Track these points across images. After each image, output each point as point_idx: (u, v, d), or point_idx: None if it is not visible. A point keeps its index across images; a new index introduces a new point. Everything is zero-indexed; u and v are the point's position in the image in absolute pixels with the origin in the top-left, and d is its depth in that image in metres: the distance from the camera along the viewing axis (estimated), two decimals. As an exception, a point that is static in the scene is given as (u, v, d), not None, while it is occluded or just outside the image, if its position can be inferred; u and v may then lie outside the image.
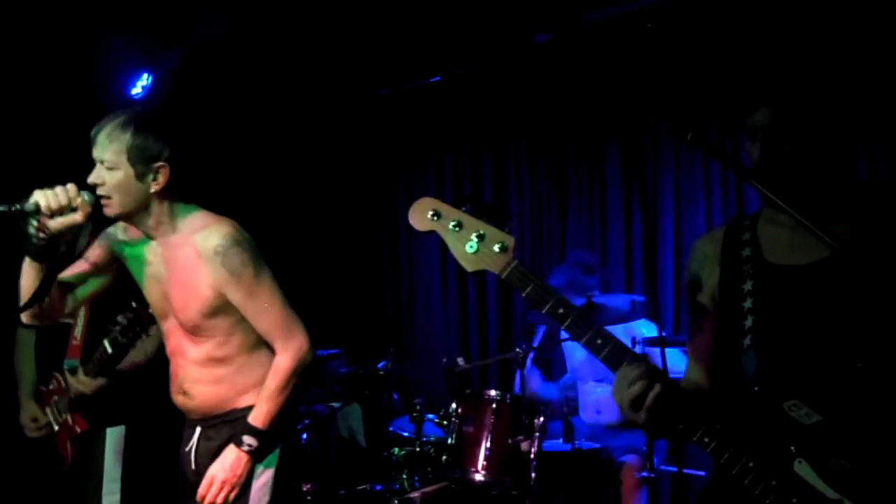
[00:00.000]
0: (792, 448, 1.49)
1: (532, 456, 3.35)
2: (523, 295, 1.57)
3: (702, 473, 3.93)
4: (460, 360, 3.77)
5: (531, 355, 3.93)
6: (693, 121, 4.60)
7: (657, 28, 4.26)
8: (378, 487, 3.54)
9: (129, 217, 2.22)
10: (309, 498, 3.57)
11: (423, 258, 5.45)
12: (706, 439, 1.51)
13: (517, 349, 3.64)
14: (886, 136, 3.81)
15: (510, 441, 3.36)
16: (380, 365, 4.10)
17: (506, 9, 4.17)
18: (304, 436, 3.87)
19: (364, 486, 3.57)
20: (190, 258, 2.19)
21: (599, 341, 1.55)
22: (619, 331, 3.69)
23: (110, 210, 2.16)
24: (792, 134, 1.53)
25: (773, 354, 1.58)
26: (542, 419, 3.44)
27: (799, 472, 1.48)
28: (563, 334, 4.09)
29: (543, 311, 1.55)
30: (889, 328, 1.49)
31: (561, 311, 1.55)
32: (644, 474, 3.58)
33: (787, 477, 1.48)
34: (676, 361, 3.59)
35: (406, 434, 3.77)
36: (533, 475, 3.33)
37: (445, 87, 4.99)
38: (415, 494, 3.38)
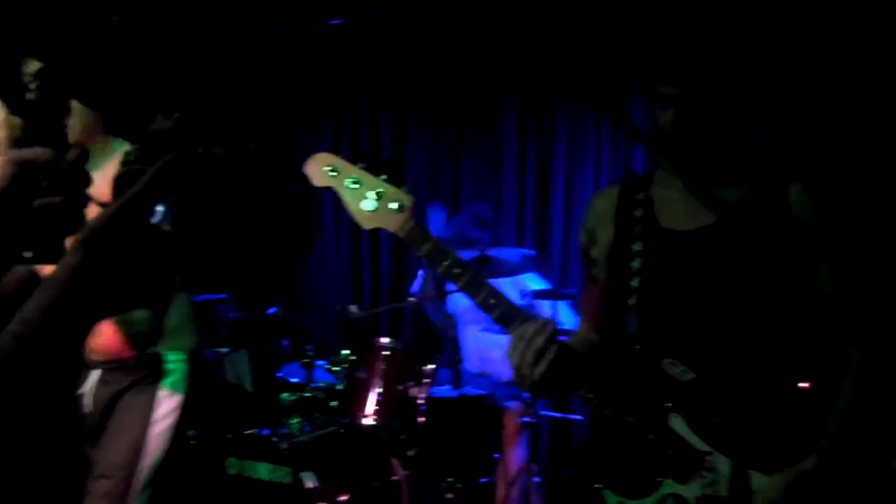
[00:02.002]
0: (668, 404, 1.59)
1: (421, 402, 3.42)
2: (419, 254, 1.58)
3: (579, 417, 4.12)
4: (353, 308, 3.78)
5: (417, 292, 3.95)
6: (597, 86, 4.66)
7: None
8: (266, 432, 3.52)
9: None
10: (193, 443, 3.52)
11: (320, 199, 5.35)
12: (589, 395, 1.58)
13: (410, 297, 3.68)
14: (782, 108, 3.98)
15: (400, 387, 3.42)
16: (270, 311, 4.05)
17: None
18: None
19: (252, 431, 3.55)
20: None
21: (493, 301, 1.58)
22: (508, 283, 3.82)
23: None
24: (701, 104, 1.58)
25: (655, 315, 1.66)
26: (431, 366, 3.51)
27: (674, 427, 1.57)
28: (450, 286, 4.16)
29: (439, 271, 1.58)
30: (764, 292, 1.58)
31: (456, 270, 1.58)
32: (526, 419, 3.72)
33: (662, 431, 1.57)
34: (563, 314, 3.72)
35: (295, 380, 3.76)
36: (422, 420, 3.41)
37: (347, 31, 4.87)
38: (303, 438, 3.39)
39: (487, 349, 4.05)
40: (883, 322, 1.57)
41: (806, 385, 1.62)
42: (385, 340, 3.51)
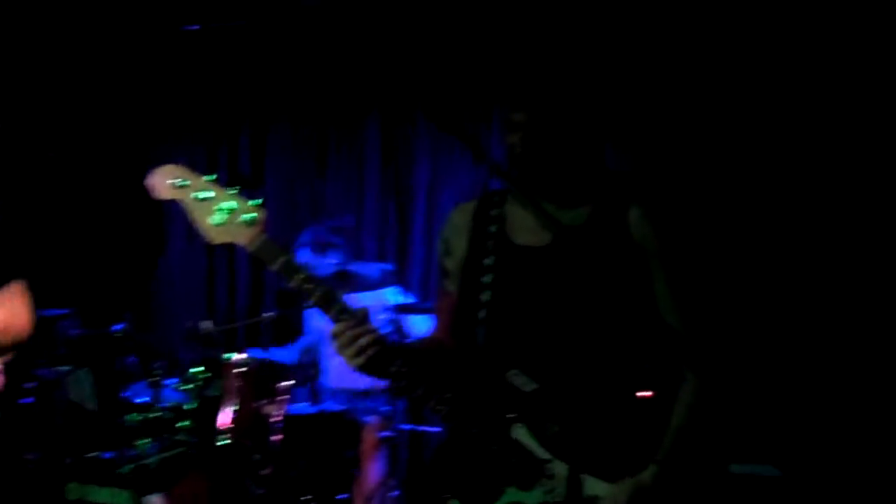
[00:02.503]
0: (511, 414, 1.65)
1: (277, 419, 3.37)
2: (272, 269, 1.58)
3: (437, 430, 4.18)
4: (206, 323, 3.68)
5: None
6: (448, 105, 4.76)
7: (424, 7, 4.38)
8: (109, 454, 3.39)
9: None
10: (31, 467, 3.33)
11: (166, 213, 5.15)
12: (438, 407, 1.62)
13: (265, 313, 3.63)
14: (630, 133, 4.22)
15: (254, 405, 3.36)
16: (117, 327, 3.88)
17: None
18: (28, 401, 3.58)
19: (94, 454, 3.40)
20: None
21: (345, 316, 1.60)
22: (370, 297, 3.83)
23: None
24: (547, 129, 1.67)
25: (503, 328, 1.72)
26: (288, 382, 3.47)
27: (517, 436, 1.64)
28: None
29: (291, 286, 1.58)
30: (603, 307, 1.67)
31: (309, 286, 1.59)
32: (385, 434, 3.74)
33: (506, 441, 1.63)
34: (424, 327, 3.78)
35: (143, 399, 3.63)
36: (277, 438, 3.36)
37: (204, 39, 4.74)
38: (151, 460, 3.28)
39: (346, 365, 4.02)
40: (710, 344, 1.69)
41: (647, 394, 1.72)
42: (240, 357, 3.44)
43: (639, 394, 1.72)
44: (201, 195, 1.57)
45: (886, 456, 3.50)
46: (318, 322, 4.16)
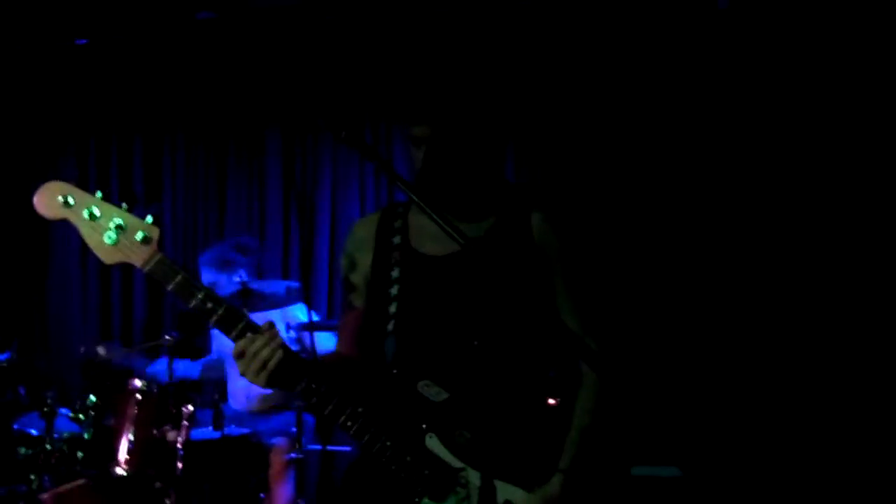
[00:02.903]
0: (423, 425, 1.65)
1: (179, 446, 3.28)
2: (169, 289, 1.53)
3: (347, 449, 4.14)
4: (101, 349, 3.54)
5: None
6: (349, 119, 4.77)
7: (324, 22, 4.35)
8: (1, 491, 3.22)
9: None
10: None
11: (58, 234, 4.93)
12: (349, 423, 1.61)
13: (166, 336, 3.52)
14: (531, 146, 4.31)
15: (155, 432, 3.27)
16: (2, 356, 3.68)
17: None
18: None
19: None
20: None
21: (249, 335, 1.57)
22: (275, 315, 3.76)
23: None
24: (449, 144, 1.69)
25: (412, 338, 1.72)
26: (190, 408, 3.38)
27: (429, 447, 1.64)
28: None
29: (190, 306, 1.53)
30: (509, 313, 1.70)
31: (209, 305, 1.55)
32: (292, 455, 3.67)
33: (419, 452, 1.63)
34: (331, 345, 3.73)
35: (34, 431, 3.46)
36: (180, 465, 3.26)
37: (94, 53, 4.57)
38: (45, 496, 3.14)
39: (253, 386, 3.93)
40: (609, 345, 1.74)
41: (553, 402, 1.75)
42: (138, 383, 3.34)
43: (549, 400, 1.75)
44: (91, 213, 1.50)
45: (787, 453, 3.66)
46: (223, 342, 4.05)
